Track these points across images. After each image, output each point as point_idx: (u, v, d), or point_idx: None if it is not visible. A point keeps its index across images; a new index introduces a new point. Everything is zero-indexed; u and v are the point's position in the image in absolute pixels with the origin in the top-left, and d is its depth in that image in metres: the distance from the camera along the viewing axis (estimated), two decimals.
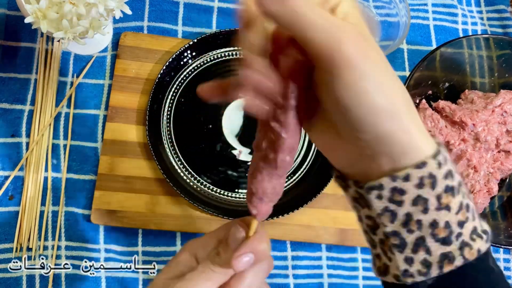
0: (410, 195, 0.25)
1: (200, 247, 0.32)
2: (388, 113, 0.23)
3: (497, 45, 0.60)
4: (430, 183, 0.25)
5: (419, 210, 0.25)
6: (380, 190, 0.25)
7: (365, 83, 0.23)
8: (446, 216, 0.25)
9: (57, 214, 0.55)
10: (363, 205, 0.27)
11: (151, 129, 0.56)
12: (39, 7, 0.46)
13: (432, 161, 0.25)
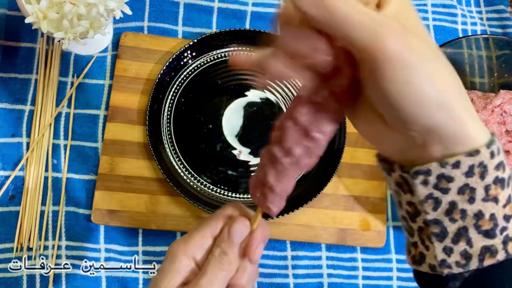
0: (457, 182, 0.24)
1: (196, 248, 0.31)
2: (438, 104, 0.23)
3: (497, 45, 0.60)
4: (480, 172, 0.24)
5: (465, 199, 0.24)
6: (427, 175, 0.25)
7: (412, 76, 0.22)
8: (493, 208, 0.24)
9: (57, 214, 0.55)
10: (406, 190, 0.26)
11: (151, 129, 0.56)
12: (39, 7, 0.46)
13: (485, 150, 0.24)
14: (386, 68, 0.22)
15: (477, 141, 0.24)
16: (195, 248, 0.31)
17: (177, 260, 0.30)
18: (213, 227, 0.32)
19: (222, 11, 0.64)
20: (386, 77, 0.22)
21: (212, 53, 0.61)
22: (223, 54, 0.61)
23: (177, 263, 0.30)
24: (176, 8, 0.63)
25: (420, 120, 0.23)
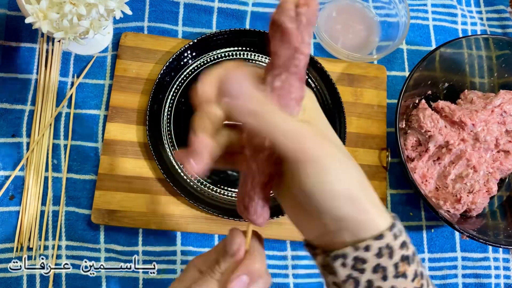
0: (370, 263, 0.28)
1: (203, 261, 0.33)
2: (346, 198, 0.27)
3: (497, 45, 0.60)
4: (388, 253, 0.28)
5: (379, 277, 0.28)
6: (344, 258, 0.28)
7: (325, 175, 0.26)
8: (404, 283, 0.28)
9: (57, 214, 0.55)
10: (330, 272, 0.30)
11: (151, 129, 0.56)
12: (39, 8, 0.46)
13: (389, 233, 0.28)
14: (305, 166, 0.26)
15: (380, 226, 0.28)
16: (201, 261, 0.33)
17: (186, 270, 0.33)
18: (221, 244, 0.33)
19: (222, 11, 0.64)
20: (304, 173, 0.26)
21: (212, 53, 0.61)
22: (223, 54, 0.61)
23: (185, 273, 0.33)
24: (176, 8, 0.63)
25: (330, 211, 0.27)
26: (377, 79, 0.64)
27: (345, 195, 0.27)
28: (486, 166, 0.57)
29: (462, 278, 0.61)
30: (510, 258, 0.63)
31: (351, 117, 0.62)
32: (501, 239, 0.55)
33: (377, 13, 0.66)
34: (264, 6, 0.65)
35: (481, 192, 0.57)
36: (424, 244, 0.61)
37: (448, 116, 0.58)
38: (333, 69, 0.63)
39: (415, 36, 0.68)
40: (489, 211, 0.61)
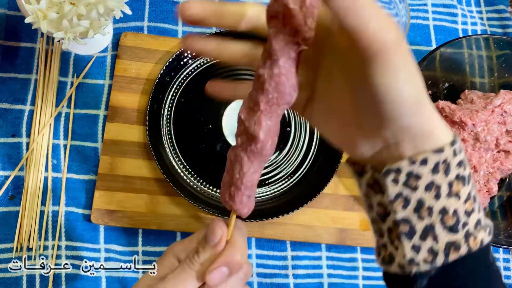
0: (424, 180, 0.26)
1: (182, 249, 0.33)
2: (415, 102, 0.25)
3: (497, 45, 0.60)
4: (444, 169, 0.26)
5: (431, 197, 0.26)
6: (397, 173, 0.26)
7: (401, 72, 0.24)
8: (456, 204, 0.26)
9: (57, 214, 0.55)
10: (377, 191, 0.28)
11: (151, 129, 0.56)
12: (39, 7, 0.46)
13: (449, 148, 0.26)
14: (381, 60, 0.23)
15: (442, 140, 0.26)
16: (180, 249, 0.33)
17: (163, 257, 0.33)
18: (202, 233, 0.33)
19: None
20: (380, 67, 0.23)
21: None
22: None
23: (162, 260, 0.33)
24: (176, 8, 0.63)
25: (401, 118, 0.25)
26: None
27: (415, 100, 0.25)
28: (486, 166, 0.57)
29: None
30: (510, 258, 0.63)
31: None
32: (501, 239, 0.55)
33: None
34: None
35: (481, 192, 0.57)
36: None
37: (448, 116, 0.58)
38: None
39: (415, 36, 0.68)
40: (490, 211, 0.61)
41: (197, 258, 0.31)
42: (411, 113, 0.25)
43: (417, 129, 0.26)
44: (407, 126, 0.25)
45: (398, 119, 0.25)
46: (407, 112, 0.25)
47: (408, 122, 0.25)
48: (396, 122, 0.25)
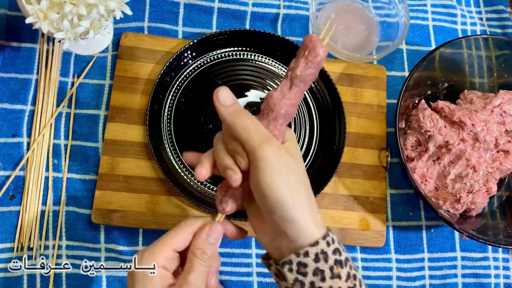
0: (310, 267, 0.34)
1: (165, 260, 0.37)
2: (290, 203, 0.34)
3: (496, 46, 0.60)
4: (324, 257, 0.34)
5: (319, 279, 0.34)
6: (290, 264, 0.35)
7: (275, 177, 0.34)
8: (339, 283, 0.34)
9: (57, 213, 0.55)
10: (281, 278, 0.36)
11: (151, 129, 0.57)
12: (40, 8, 0.46)
13: (322, 241, 0.35)
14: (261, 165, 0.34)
15: (315, 235, 0.35)
16: (165, 261, 0.37)
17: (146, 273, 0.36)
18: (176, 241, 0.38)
19: (222, 12, 0.64)
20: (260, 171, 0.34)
21: (212, 53, 0.61)
22: (223, 54, 0.61)
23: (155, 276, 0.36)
24: (176, 8, 0.63)
25: (278, 211, 0.34)
26: (377, 79, 0.64)
27: (289, 200, 0.34)
28: (485, 166, 0.58)
29: (462, 278, 0.61)
30: (509, 258, 0.63)
31: (351, 117, 0.62)
32: (501, 239, 0.55)
33: (377, 13, 0.66)
34: (264, 6, 0.65)
35: (480, 192, 0.57)
36: (424, 244, 0.61)
37: (448, 116, 0.58)
38: (333, 69, 0.63)
39: (415, 36, 0.68)
40: (489, 211, 0.61)
41: (206, 257, 0.37)
42: (287, 209, 0.34)
43: (293, 223, 0.34)
44: (285, 219, 0.34)
45: (276, 210, 0.34)
46: (283, 208, 0.34)
47: (284, 216, 0.34)
48: (275, 213, 0.34)
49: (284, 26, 0.65)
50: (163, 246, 0.37)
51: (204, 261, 0.37)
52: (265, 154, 0.33)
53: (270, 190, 0.33)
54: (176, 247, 0.38)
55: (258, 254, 0.57)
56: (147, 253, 0.37)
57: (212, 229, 0.38)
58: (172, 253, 0.37)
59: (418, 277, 0.60)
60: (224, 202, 0.38)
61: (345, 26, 0.65)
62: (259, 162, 0.33)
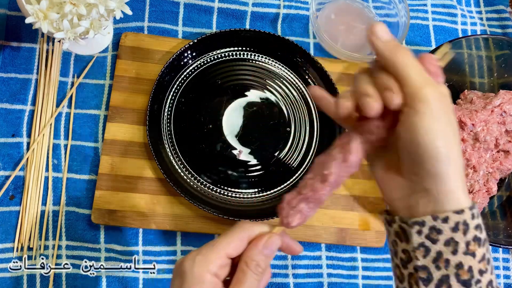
0: (444, 235, 0.30)
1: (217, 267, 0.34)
2: (445, 157, 0.30)
3: (496, 46, 0.60)
4: (463, 229, 0.30)
5: (449, 251, 0.30)
6: (421, 226, 0.31)
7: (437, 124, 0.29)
8: (471, 261, 0.30)
9: (57, 214, 0.55)
10: (403, 239, 0.32)
11: (151, 129, 0.57)
12: (39, 8, 0.46)
13: (468, 212, 0.30)
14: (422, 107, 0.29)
15: (462, 203, 0.30)
16: (217, 268, 0.34)
17: (207, 280, 0.34)
18: (230, 248, 0.35)
19: (222, 11, 0.64)
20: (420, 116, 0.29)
21: (212, 53, 0.61)
22: (223, 54, 0.61)
23: (207, 283, 0.34)
24: (176, 8, 0.63)
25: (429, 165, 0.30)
26: None
27: (445, 155, 0.29)
28: (486, 166, 0.57)
29: None
30: (510, 258, 0.63)
31: None
32: (501, 239, 0.55)
33: (377, 13, 0.66)
34: (264, 6, 0.65)
35: (480, 192, 0.57)
36: None
37: None
38: (333, 69, 0.63)
39: (415, 36, 0.68)
40: (489, 211, 0.61)
41: (261, 270, 0.35)
42: (439, 164, 0.30)
43: (441, 181, 0.30)
44: (434, 175, 0.30)
45: (426, 165, 0.30)
46: (435, 162, 0.30)
47: (434, 171, 0.30)
48: (424, 167, 0.30)
49: (284, 26, 0.65)
50: (217, 252, 0.34)
51: (257, 274, 0.35)
52: (431, 98, 0.29)
53: (428, 137, 0.29)
54: (230, 253, 0.35)
55: None
56: (200, 258, 0.34)
57: (270, 241, 0.36)
58: (225, 260, 0.35)
59: None
60: (291, 216, 0.36)
61: (345, 26, 0.65)
62: (421, 104, 0.29)
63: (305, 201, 0.36)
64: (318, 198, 0.36)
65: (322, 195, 0.35)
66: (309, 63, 0.61)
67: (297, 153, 0.60)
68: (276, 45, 0.61)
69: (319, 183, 0.35)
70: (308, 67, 0.61)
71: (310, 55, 0.61)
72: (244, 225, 0.36)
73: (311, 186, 0.36)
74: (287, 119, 0.60)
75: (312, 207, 0.36)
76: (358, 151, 0.34)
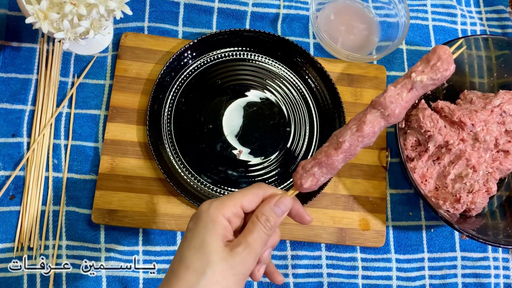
0: None
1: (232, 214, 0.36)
2: None
3: (496, 46, 0.60)
4: None
5: None
6: None
7: None
8: None
9: (58, 213, 0.55)
10: None
11: (151, 129, 0.57)
12: (40, 8, 0.46)
13: None
14: None
15: None
16: (231, 214, 0.36)
17: (219, 221, 0.35)
18: (245, 199, 0.37)
19: (222, 12, 0.64)
20: None
21: (212, 53, 0.61)
22: (223, 54, 0.61)
23: (219, 224, 0.35)
24: (176, 8, 0.63)
25: None
26: (377, 79, 0.64)
27: None
28: (485, 166, 0.58)
29: (462, 278, 0.61)
30: (509, 257, 0.63)
31: (351, 117, 0.62)
32: (501, 238, 0.55)
33: (377, 13, 0.66)
34: (264, 6, 0.65)
35: (480, 192, 0.57)
36: (424, 244, 0.61)
37: (448, 116, 0.58)
38: (333, 69, 0.63)
39: (415, 36, 0.68)
40: (489, 211, 0.61)
41: (269, 225, 0.37)
42: None
43: None
44: None
45: None
46: None
47: None
48: None
49: (284, 26, 0.65)
50: (233, 201, 0.37)
51: (266, 228, 0.37)
52: None
53: None
54: (244, 205, 0.37)
55: None
56: (217, 203, 0.36)
57: (281, 200, 0.38)
58: (239, 210, 0.37)
59: (418, 277, 0.60)
60: (304, 178, 0.39)
61: (345, 26, 0.65)
62: None
63: (318, 165, 0.38)
64: (331, 163, 0.38)
65: (334, 160, 0.38)
66: (309, 63, 0.61)
67: (297, 153, 0.60)
68: (276, 45, 0.61)
69: (333, 150, 0.38)
70: (308, 67, 0.61)
71: (310, 55, 0.61)
72: (261, 184, 0.39)
73: (326, 152, 0.38)
74: (287, 119, 0.60)
75: (325, 172, 0.39)
76: (371, 122, 0.36)
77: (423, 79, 0.35)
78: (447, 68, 0.35)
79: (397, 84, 0.36)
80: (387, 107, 0.36)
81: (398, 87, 0.36)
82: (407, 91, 0.36)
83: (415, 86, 0.36)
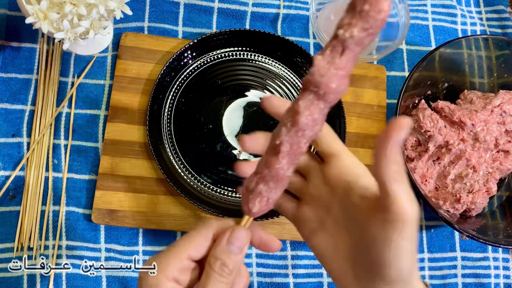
0: None
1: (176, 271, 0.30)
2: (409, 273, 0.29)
3: (496, 46, 0.60)
4: None
5: None
6: None
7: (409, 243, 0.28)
8: None
9: (58, 213, 0.55)
10: None
11: (151, 129, 0.57)
12: (40, 8, 0.46)
13: None
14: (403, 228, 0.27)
15: None
16: (177, 272, 0.30)
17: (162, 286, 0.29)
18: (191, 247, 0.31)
19: (222, 12, 0.64)
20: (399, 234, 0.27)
21: (212, 53, 0.61)
22: (223, 54, 0.61)
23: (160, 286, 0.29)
24: (176, 8, 0.63)
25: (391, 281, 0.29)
26: (377, 79, 0.64)
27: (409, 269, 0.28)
28: (485, 166, 0.58)
29: (462, 278, 0.61)
30: (509, 258, 0.63)
31: (351, 117, 0.62)
32: (501, 239, 0.55)
33: None
34: (264, 6, 0.65)
35: (480, 192, 0.57)
36: (424, 244, 0.61)
37: (448, 116, 0.58)
38: None
39: (415, 36, 0.68)
40: (489, 211, 0.61)
41: (227, 270, 0.30)
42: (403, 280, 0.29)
43: None
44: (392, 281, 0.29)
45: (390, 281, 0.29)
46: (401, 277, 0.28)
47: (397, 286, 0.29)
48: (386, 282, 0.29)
49: (284, 26, 0.65)
50: (176, 254, 0.30)
51: (224, 276, 0.29)
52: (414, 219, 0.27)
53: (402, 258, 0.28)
54: (192, 254, 0.30)
55: (258, 254, 0.57)
56: (159, 261, 0.30)
57: (234, 234, 0.30)
58: (187, 262, 0.30)
59: None
60: (251, 201, 0.30)
61: None
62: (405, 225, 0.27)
63: (262, 181, 0.30)
64: (276, 174, 0.30)
65: (278, 169, 0.30)
66: (309, 63, 0.61)
67: None
68: (276, 45, 0.61)
69: (272, 157, 0.30)
70: (308, 67, 0.61)
71: (310, 55, 0.61)
72: (209, 221, 0.32)
73: (266, 162, 0.30)
74: None
75: (272, 186, 0.30)
76: (307, 109, 0.28)
77: (353, 33, 0.26)
78: (379, 9, 0.25)
79: (325, 51, 0.28)
80: (320, 84, 0.27)
81: (327, 54, 0.27)
82: (339, 55, 0.27)
83: (347, 45, 0.27)
